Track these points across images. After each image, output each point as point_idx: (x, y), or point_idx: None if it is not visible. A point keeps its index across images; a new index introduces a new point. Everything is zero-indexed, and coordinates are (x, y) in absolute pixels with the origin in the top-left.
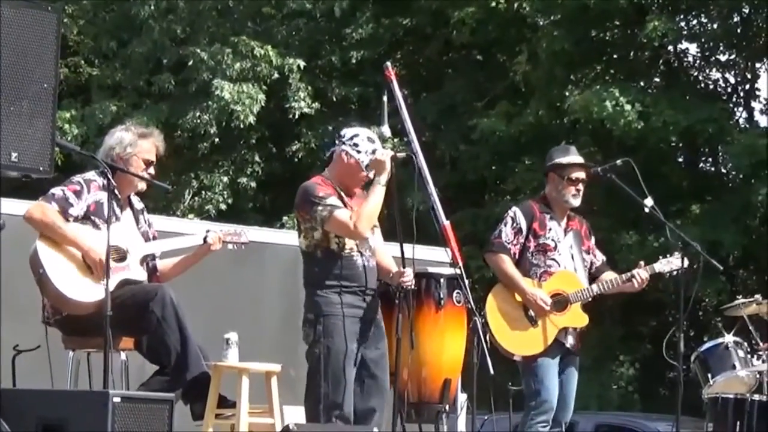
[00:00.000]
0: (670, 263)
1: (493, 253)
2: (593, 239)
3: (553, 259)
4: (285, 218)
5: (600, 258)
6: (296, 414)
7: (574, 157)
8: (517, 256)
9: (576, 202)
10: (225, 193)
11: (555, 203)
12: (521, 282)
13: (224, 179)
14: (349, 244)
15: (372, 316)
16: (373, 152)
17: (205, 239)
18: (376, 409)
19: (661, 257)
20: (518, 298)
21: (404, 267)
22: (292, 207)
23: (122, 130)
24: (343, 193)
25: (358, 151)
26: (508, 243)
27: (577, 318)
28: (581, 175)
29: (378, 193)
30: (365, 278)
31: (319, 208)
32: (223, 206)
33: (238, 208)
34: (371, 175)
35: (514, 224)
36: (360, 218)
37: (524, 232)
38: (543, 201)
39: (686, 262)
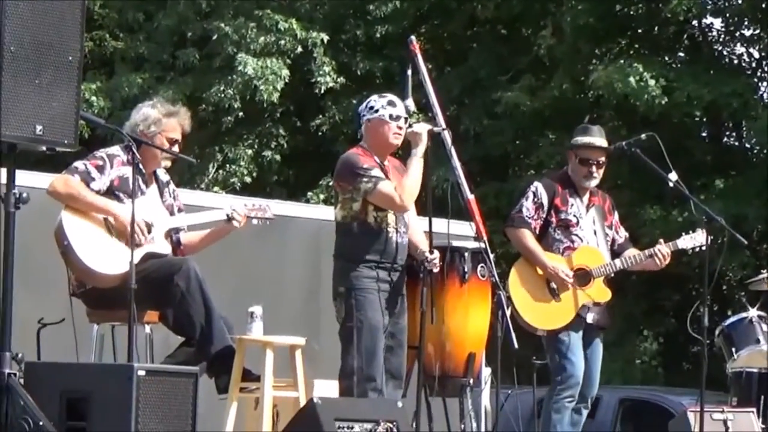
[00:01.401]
0: (694, 239)
1: (513, 227)
2: (616, 215)
3: (576, 235)
4: (310, 194)
5: (623, 234)
6: (327, 388)
7: (592, 138)
8: (538, 231)
9: (589, 183)
10: (250, 166)
11: (575, 180)
12: (542, 256)
13: (248, 152)
14: (387, 219)
15: (399, 291)
16: (390, 104)
17: (229, 218)
18: (391, 381)
19: (684, 233)
20: (540, 272)
21: (431, 241)
22: (317, 181)
23: (149, 106)
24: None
25: (375, 111)
26: (529, 218)
27: (600, 292)
28: (596, 157)
29: (417, 165)
30: (396, 255)
31: (364, 179)
32: (248, 179)
33: (262, 181)
34: (399, 133)
35: (536, 198)
36: (404, 190)
37: (545, 207)
38: (565, 176)
39: (709, 239)
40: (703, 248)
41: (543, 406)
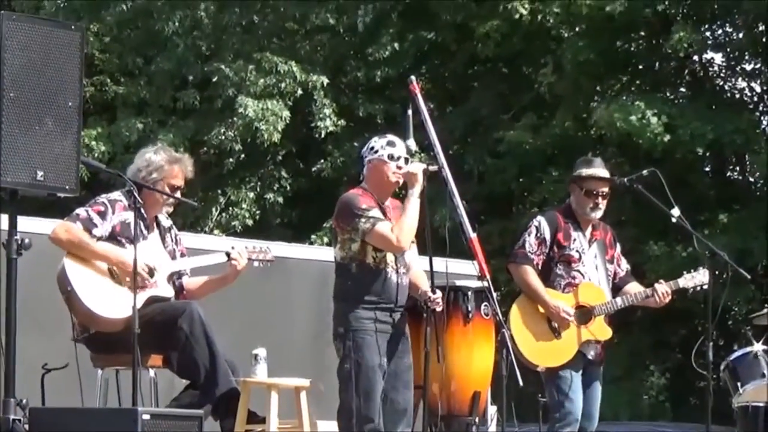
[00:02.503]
0: (694, 279)
1: (516, 264)
2: (618, 247)
3: (578, 271)
4: (313, 236)
5: (624, 267)
6: (331, 428)
7: (595, 170)
8: (540, 267)
9: (596, 214)
10: (252, 208)
11: (578, 214)
12: (544, 294)
13: (251, 195)
14: (386, 259)
15: (401, 332)
16: (389, 144)
17: (228, 255)
18: (401, 421)
19: (685, 272)
20: (542, 309)
21: (433, 280)
22: (320, 223)
23: (152, 152)
24: (384, 205)
25: (375, 151)
26: (532, 253)
27: (600, 331)
28: (601, 188)
29: (414, 205)
30: (396, 296)
31: (362, 220)
32: (249, 222)
33: (265, 223)
34: (398, 173)
35: (539, 234)
36: (401, 231)
37: (548, 242)
38: (567, 211)
39: (713, 275)
40: (705, 287)
41: None
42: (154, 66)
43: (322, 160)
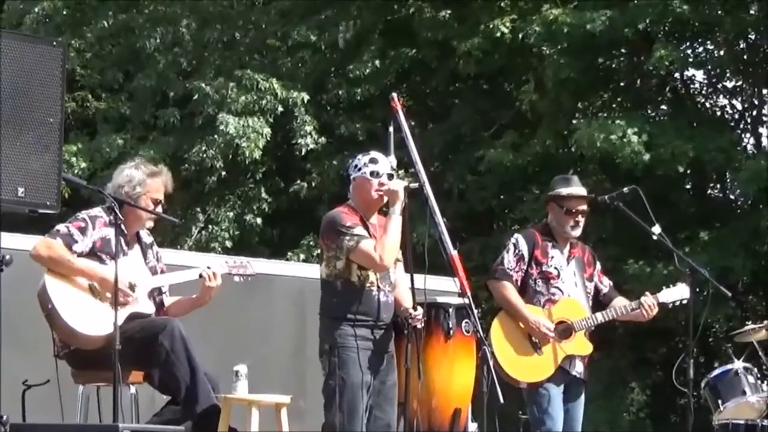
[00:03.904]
0: (674, 293)
1: (495, 280)
2: (598, 265)
3: (557, 287)
4: (290, 254)
5: (607, 284)
6: None
7: (573, 188)
8: (519, 284)
9: (575, 233)
10: (231, 228)
11: (556, 232)
12: (524, 309)
13: (230, 215)
14: (371, 278)
15: (384, 349)
16: (372, 161)
17: (200, 275)
18: None
19: (665, 287)
20: (522, 325)
21: (414, 296)
22: (298, 241)
23: (132, 167)
24: (369, 223)
25: (359, 169)
26: (511, 270)
27: (581, 346)
28: (580, 206)
29: (395, 223)
30: (379, 313)
31: (347, 237)
32: (228, 243)
33: (244, 242)
34: (381, 190)
35: (516, 251)
36: (384, 249)
37: (526, 259)
38: (545, 229)
39: (694, 291)
40: (685, 302)
41: None
42: (135, 82)
43: (299, 180)
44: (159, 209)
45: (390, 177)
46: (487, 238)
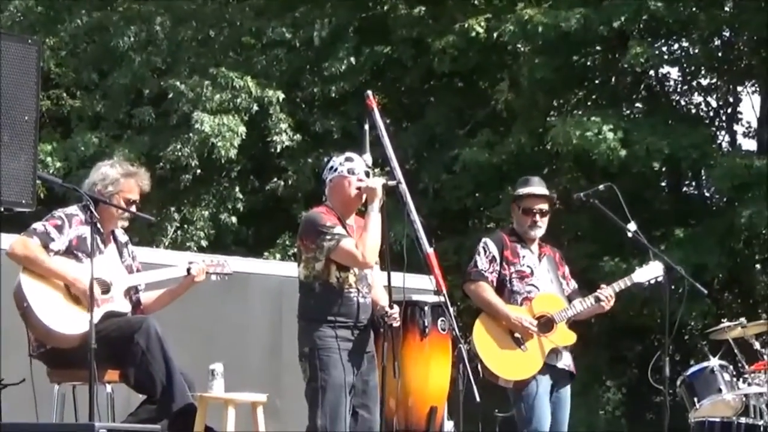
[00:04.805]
0: (647, 272)
1: (471, 281)
2: (566, 267)
3: (532, 284)
4: (266, 254)
5: (572, 286)
6: None
7: (531, 188)
8: (495, 284)
9: (535, 233)
10: (206, 228)
11: (521, 233)
12: (503, 307)
13: (205, 214)
14: (349, 280)
15: (363, 348)
16: (347, 160)
17: (188, 270)
18: None
19: (637, 267)
20: (504, 323)
21: (390, 295)
22: (274, 240)
23: (108, 166)
24: (347, 223)
25: (335, 169)
26: (485, 271)
27: (564, 336)
28: (537, 206)
29: (374, 220)
30: (358, 314)
31: (327, 237)
32: (204, 243)
33: (219, 242)
34: (360, 186)
35: (487, 253)
36: (366, 247)
37: (498, 260)
38: (512, 231)
39: (663, 271)
40: (660, 279)
41: None
42: (110, 80)
43: (276, 178)
44: (133, 208)
45: (366, 175)
46: (462, 237)
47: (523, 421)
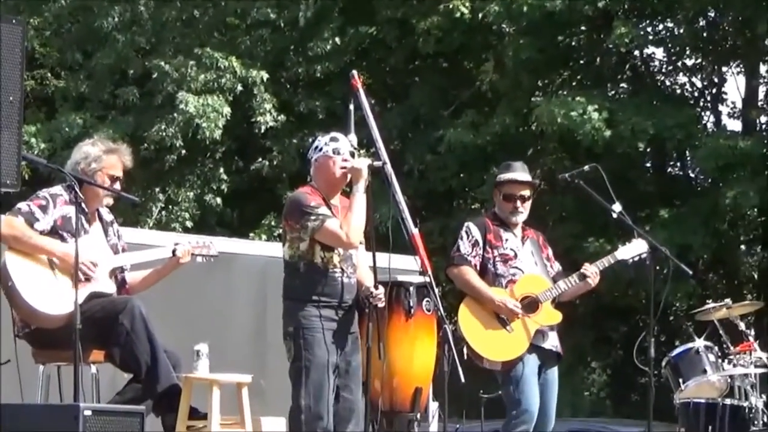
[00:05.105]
0: (631, 249)
1: (454, 266)
2: (550, 250)
3: (516, 267)
4: (252, 234)
5: (556, 268)
6: (274, 425)
7: (513, 174)
8: (478, 268)
9: (516, 218)
10: (191, 208)
11: (503, 218)
12: (487, 290)
13: (190, 194)
14: (334, 260)
15: (348, 328)
16: (332, 140)
17: (174, 252)
18: (353, 419)
19: (620, 245)
20: (488, 305)
21: (375, 276)
22: (259, 221)
23: (89, 144)
24: (331, 203)
25: (320, 149)
26: (468, 255)
27: (550, 316)
28: (519, 192)
29: (360, 201)
30: (342, 294)
31: (312, 217)
32: (189, 224)
33: (204, 223)
34: (345, 166)
35: (470, 237)
36: (350, 227)
37: (481, 244)
38: (495, 215)
39: (647, 247)
40: (643, 256)
41: None
42: (94, 61)
43: (260, 159)
44: (117, 186)
45: (351, 155)
46: (447, 219)
47: (511, 402)
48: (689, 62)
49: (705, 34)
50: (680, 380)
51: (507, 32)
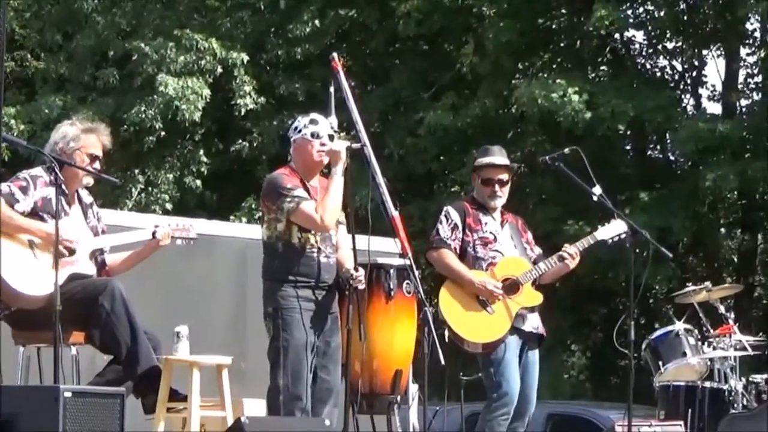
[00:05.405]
0: (611, 230)
1: (433, 249)
2: (530, 234)
3: (496, 250)
4: (232, 217)
5: (537, 252)
6: (255, 407)
7: (491, 158)
8: (458, 252)
9: (495, 202)
10: (171, 190)
11: (482, 202)
12: (467, 272)
13: (170, 176)
14: (311, 240)
15: (327, 309)
16: (312, 122)
17: (153, 234)
18: (329, 400)
19: (600, 226)
20: (469, 288)
21: (356, 258)
22: (238, 204)
23: (67, 124)
24: (310, 185)
25: (299, 131)
26: (447, 238)
27: (530, 297)
28: (498, 176)
29: (337, 184)
30: (320, 274)
31: (287, 199)
32: (169, 206)
33: (184, 205)
34: (322, 151)
35: (449, 221)
36: (325, 210)
37: (460, 227)
38: (474, 199)
39: (626, 227)
40: (623, 237)
41: (478, 423)
42: (74, 42)
43: (240, 141)
44: (97, 165)
45: (331, 138)
46: (427, 202)
47: (492, 385)
48: (669, 45)
49: (685, 18)
50: (660, 363)
51: (487, 15)
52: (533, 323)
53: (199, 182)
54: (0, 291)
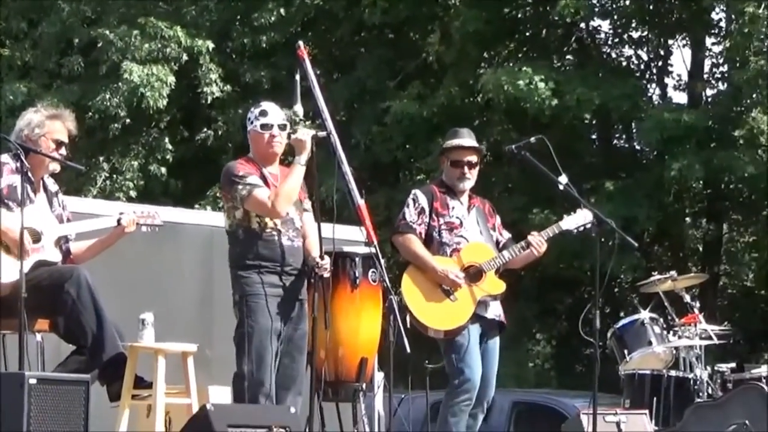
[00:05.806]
0: (576, 219)
1: (399, 234)
2: (498, 218)
3: (461, 236)
4: (197, 206)
5: (506, 236)
6: (221, 394)
7: (459, 140)
8: (423, 236)
9: (463, 185)
10: (135, 178)
11: (451, 185)
12: (431, 259)
13: (134, 164)
14: (270, 223)
15: (294, 296)
16: (261, 114)
17: (119, 221)
18: (292, 387)
19: (565, 215)
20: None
21: (321, 246)
22: (203, 192)
23: (32, 111)
24: (267, 172)
25: (251, 122)
26: (413, 223)
27: (493, 285)
28: (466, 157)
29: (297, 172)
30: (283, 258)
31: (239, 187)
32: (133, 193)
33: (148, 192)
34: (275, 143)
35: (416, 205)
36: (278, 197)
37: (427, 212)
38: (442, 183)
39: (592, 217)
40: (588, 227)
41: (440, 410)
42: (40, 30)
43: (205, 129)
44: (63, 151)
45: (282, 128)
46: (393, 191)
47: (454, 372)
48: (635, 35)
49: (651, 7)
50: (625, 352)
51: (453, 3)
52: (495, 311)
53: (164, 170)
54: None
